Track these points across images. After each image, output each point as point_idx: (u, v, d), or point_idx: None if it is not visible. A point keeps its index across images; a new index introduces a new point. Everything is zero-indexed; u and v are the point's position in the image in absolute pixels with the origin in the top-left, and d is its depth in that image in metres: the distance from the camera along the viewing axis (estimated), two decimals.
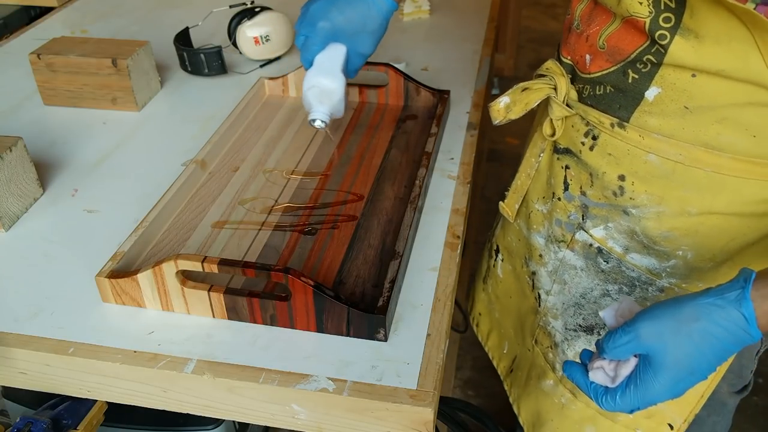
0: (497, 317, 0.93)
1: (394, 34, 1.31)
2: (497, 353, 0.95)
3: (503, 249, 0.92)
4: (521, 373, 0.88)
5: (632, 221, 0.68)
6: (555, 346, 0.78)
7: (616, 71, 0.64)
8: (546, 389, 0.81)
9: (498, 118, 0.74)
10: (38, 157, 0.93)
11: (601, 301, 0.72)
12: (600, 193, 0.70)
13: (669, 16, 0.58)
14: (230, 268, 0.64)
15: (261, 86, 1.06)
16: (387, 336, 0.65)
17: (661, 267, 0.67)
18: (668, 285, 0.67)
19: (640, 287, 0.69)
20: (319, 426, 0.63)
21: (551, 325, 0.78)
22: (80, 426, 0.69)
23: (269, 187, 0.86)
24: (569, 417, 0.79)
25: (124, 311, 0.70)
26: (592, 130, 0.69)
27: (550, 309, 0.78)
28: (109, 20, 1.39)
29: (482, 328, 0.98)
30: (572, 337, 0.76)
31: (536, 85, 0.72)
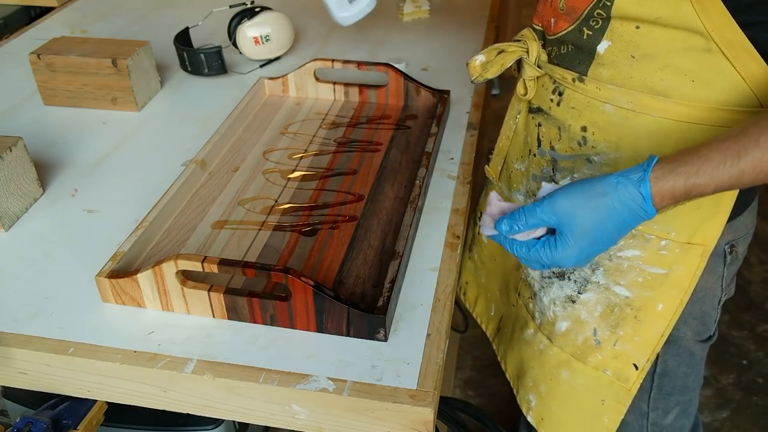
0: (483, 282, 0.99)
1: (394, 34, 1.31)
2: (485, 317, 1.00)
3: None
4: (507, 330, 0.93)
5: (594, 168, 0.74)
6: (534, 295, 0.84)
7: (574, 30, 0.71)
8: (527, 338, 0.86)
9: (474, 75, 0.81)
10: (38, 157, 0.93)
11: None
12: (567, 145, 0.76)
13: None
14: (230, 268, 0.64)
15: (261, 86, 1.06)
16: (387, 336, 0.65)
17: None
18: None
19: None
20: (319, 426, 0.63)
21: (531, 276, 0.83)
22: (80, 426, 0.69)
23: (269, 187, 0.86)
24: (547, 362, 0.84)
25: (124, 311, 0.70)
26: (558, 87, 0.75)
27: None
28: (109, 20, 1.39)
29: (469, 296, 1.04)
30: (547, 285, 0.81)
31: (510, 47, 0.78)
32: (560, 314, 0.81)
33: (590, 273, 0.77)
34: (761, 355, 1.79)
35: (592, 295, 0.78)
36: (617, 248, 0.74)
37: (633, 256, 0.74)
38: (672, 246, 0.72)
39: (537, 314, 0.84)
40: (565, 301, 0.80)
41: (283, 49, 1.19)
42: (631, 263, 0.74)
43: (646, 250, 0.73)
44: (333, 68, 1.04)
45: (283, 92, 1.08)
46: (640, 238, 0.73)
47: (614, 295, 0.76)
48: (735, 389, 1.70)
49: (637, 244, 0.73)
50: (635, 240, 0.73)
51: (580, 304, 0.79)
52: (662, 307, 0.75)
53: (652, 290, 0.74)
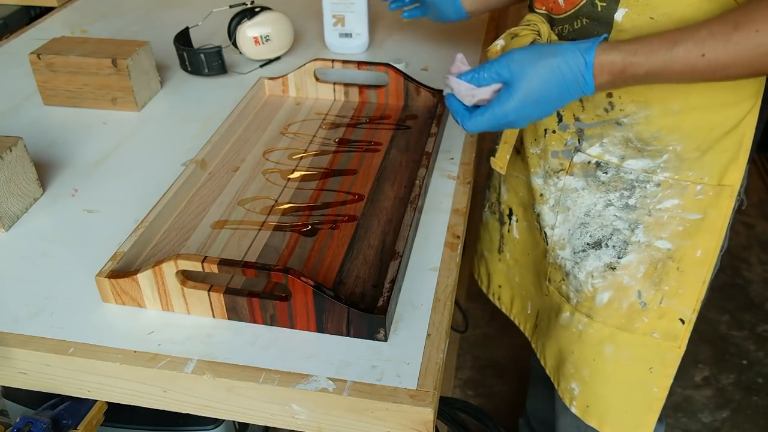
0: (518, 281, 0.99)
1: (394, 34, 1.31)
2: (522, 317, 1.00)
3: (517, 208, 0.97)
4: (543, 323, 0.93)
5: (625, 130, 0.76)
6: (566, 276, 0.85)
7: (586, 3, 0.72)
8: (563, 323, 0.86)
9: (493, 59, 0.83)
10: (38, 157, 0.93)
11: (605, 213, 0.80)
12: (592, 113, 0.78)
13: None
14: (230, 268, 0.64)
15: (261, 86, 1.06)
16: (387, 336, 0.65)
17: (655, 164, 0.76)
18: (663, 179, 0.76)
19: (639, 186, 0.77)
20: (319, 426, 0.63)
21: (560, 257, 0.85)
22: (80, 426, 0.69)
23: (269, 187, 0.86)
24: (587, 342, 0.85)
25: (124, 311, 0.70)
26: None
27: (557, 242, 0.84)
28: (109, 20, 1.39)
29: (504, 299, 1.03)
30: (582, 258, 0.83)
31: (523, 31, 0.80)
32: (600, 285, 0.82)
33: (630, 234, 0.79)
34: (761, 355, 1.79)
35: (634, 257, 0.80)
36: (656, 201, 0.77)
37: (673, 205, 0.77)
38: (707, 189, 0.76)
39: (572, 294, 0.85)
40: (605, 271, 0.81)
41: (283, 49, 1.19)
42: (671, 213, 0.77)
43: (684, 197, 0.76)
44: (333, 68, 1.04)
45: (283, 92, 1.08)
46: (677, 187, 0.76)
47: (656, 251, 0.79)
48: (735, 389, 1.71)
49: (675, 193, 0.77)
50: (673, 189, 0.76)
51: (621, 269, 0.80)
52: (701, 253, 0.78)
53: (691, 238, 0.78)
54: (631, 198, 0.78)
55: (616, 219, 0.80)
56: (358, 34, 1.21)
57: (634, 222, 0.79)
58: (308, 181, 0.88)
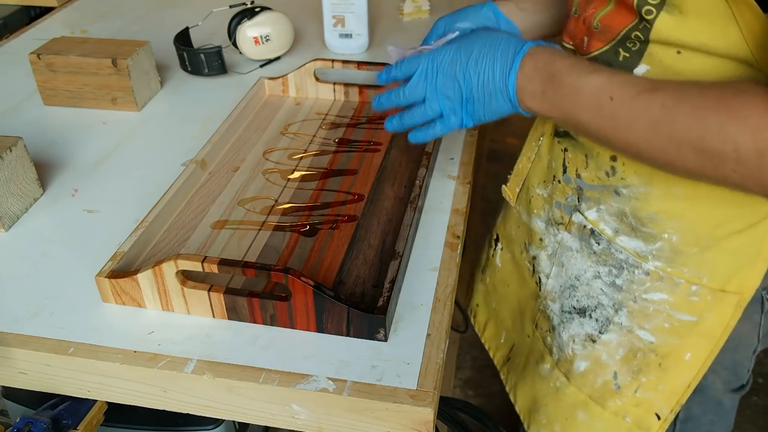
0: (494, 307, 0.95)
1: (394, 34, 1.31)
2: (494, 343, 0.96)
3: (502, 237, 0.94)
4: (519, 360, 0.89)
5: (622, 201, 0.70)
6: (552, 329, 0.80)
7: (609, 50, 0.66)
8: (543, 373, 0.82)
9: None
10: (38, 157, 0.93)
11: (592, 283, 0.74)
12: (594, 174, 0.72)
13: None
14: (230, 268, 0.64)
15: (261, 86, 1.06)
16: (387, 336, 0.65)
17: (648, 249, 0.69)
18: (653, 269, 0.69)
19: (627, 269, 0.71)
20: (319, 426, 0.63)
21: (550, 308, 0.80)
22: (80, 426, 0.69)
23: (269, 187, 0.86)
24: (563, 401, 0.81)
25: (124, 311, 0.70)
26: None
27: (549, 292, 0.79)
28: (109, 20, 1.39)
29: (479, 319, 1.00)
30: (567, 320, 0.78)
31: None
32: (579, 353, 0.77)
33: (613, 313, 0.73)
34: (761, 355, 1.79)
35: (614, 337, 0.74)
36: (643, 290, 0.70)
37: (660, 299, 0.69)
38: (703, 292, 0.67)
39: (555, 349, 0.80)
40: (585, 340, 0.76)
41: (283, 49, 1.19)
42: (657, 307, 0.70)
43: (674, 294, 0.69)
44: (333, 68, 1.04)
45: (283, 92, 1.08)
46: (668, 281, 0.68)
47: (638, 339, 0.72)
48: None
49: (665, 287, 0.69)
50: (663, 283, 0.69)
51: (600, 344, 0.75)
52: (690, 357, 0.70)
53: (680, 338, 0.70)
54: (619, 278, 0.72)
55: (602, 294, 0.74)
56: (358, 34, 1.21)
57: (618, 303, 0.73)
58: (308, 181, 0.88)
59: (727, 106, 0.51)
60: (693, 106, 0.52)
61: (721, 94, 0.52)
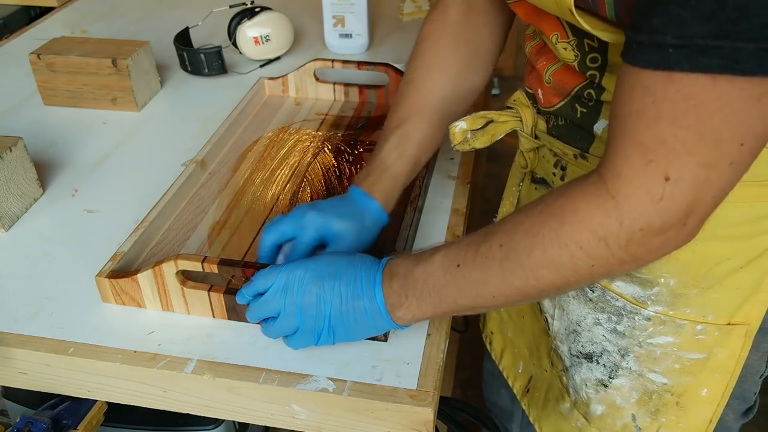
0: (510, 336, 0.92)
1: (394, 34, 1.31)
2: (512, 372, 0.93)
3: None
4: (538, 394, 0.86)
5: None
6: (566, 370, 0.77)
7: (565, 106, 0.66)
8: (564, 412, 0.80)
9: (454, 142, 0.73)
10: (38, 157, 0.93)
11: (594, 330, 0.71)
12: None
13: (595, 56, 0.60)
14: (230, 269, 0.64)
15: (261, 86, 1.06)
16: (387, 336, 0.65)
17: (646, 295, 0.67)
18: (654, 314, 0.67)
19: (626, 316, 0.68)
20: (319, 426, 0.63)
21: (560, 349, 0.77)
22: (80, 426, 0.69)
23: (269, 188, 0.86)
24: None
25: (124, 311, 0.70)
26: (560, 161, 0.70)
27: (557, 333, 0.77)
28: (109, 20, 1.39)
29: (495, 347, 0.96)
30: (576, 363, 0.75)
31: (502, 117, 0.72)
32: (593, 396, 0.74)
33: (620, 359, 0.70)
34: None
35: (625, 381, 0.71)
36: (647, 335, 0.68)
37: (666, 342, 0.67)
38: (710, 329, 0.66)
39: (571, 390, 0.77)
40: (597, 385, 0.73)
41: (283, 49, 1.19)
42: (664, 350, 0.68)
43: (680, 335, 0.67)
44: (333, 68, 1.04)
45: (283, 92, 1.08)
46: (671, 324, 0.66)
47: (650, 382, 0.70)
48: None
49: (669, 330, 0.67)
50: (666, 326, 0.67)
51: (612, 389, 0.72)
52: (707, 392, 0.69)
53: (693, 375, 0.68)
54: (620, 325, 0.69)
55: (605, 340, 0.71)
56: (358, 34, 1.21)
57: (623, 348, 0.70)
58: (308, 181, 0.87)
59: (552, 214, 0.52)
60: (524, 230, 0.53)
61: (543, 207, 0.53)
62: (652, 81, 0.45)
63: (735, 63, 0.41)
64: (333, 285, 0.59)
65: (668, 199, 0.47)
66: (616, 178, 0.48)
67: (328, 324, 0.60)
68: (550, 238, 0.51)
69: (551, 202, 0.53)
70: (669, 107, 0.44)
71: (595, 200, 0.50)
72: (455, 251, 0.57)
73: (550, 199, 0.53)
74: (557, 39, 0.63)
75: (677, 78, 0.43)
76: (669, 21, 0.42)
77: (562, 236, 0.51)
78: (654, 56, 0.44)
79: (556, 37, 0.63)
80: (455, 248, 0.57)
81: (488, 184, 2.19)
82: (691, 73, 0.43)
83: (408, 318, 0.59)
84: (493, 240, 0.55)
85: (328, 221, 0.68)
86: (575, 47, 0.61)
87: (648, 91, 0.45)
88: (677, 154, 0.45)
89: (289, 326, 0.61)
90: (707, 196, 0.47)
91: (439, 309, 0.58)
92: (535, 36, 0.71)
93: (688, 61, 0.42)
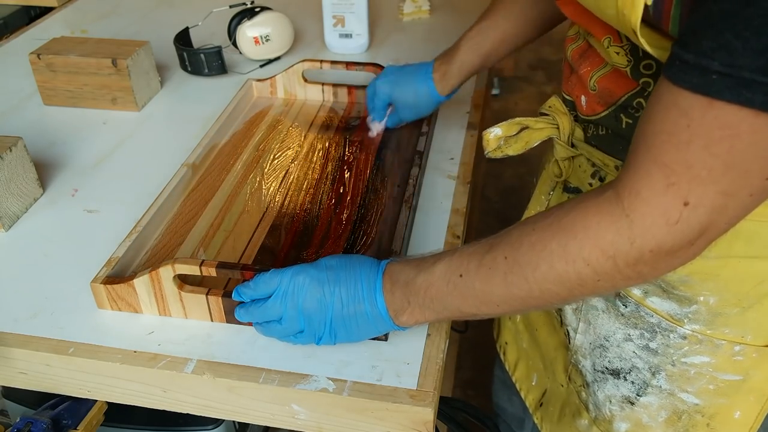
0: (525, 348, 0.91)
1: (394, 34, 1.31)
2: (525, 385, 0.92)
3: None
4: (553, 409, 0.85)
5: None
6: (587, 385, 0.76)
7: (608, 116, 0.64)
8: (581, 428, 0.79)
9: (488, 149, 0.73)
10: (38, 157, 0.93)
11: (624, 346, 0.70)
12: None
13: (650, 63, 0.59)
14: (228, 272, 0.64)
15: (249, 88, 1.05)
16: (387, 336, 0.65)
17: (683, 312, 0.65)
18: (690, 332, 0.65)
19: (661, 333, 0.67)
20: (319, 426, 0.63)
21: (581, 364, 0.76)
22: (80, 426, 0.69)
23: (262, 190, 0.86)
24: None
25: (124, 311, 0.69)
26: (598, 172, 0.68)
27: (579, 348, 0.75)
28: (109, 20, 1.39)
29: (509, 358, 0.95)
30: (600, 379, 0.73)
31: (538, 124, 0.71)
32: (618, 414, 0.72)
33: (650, 376, 0.69)
34: None
35: (655, 399, 0.69)
36: (682, 354, 0.66)
37: (701, 362, 0.66)
38: (748, 351, 0.64)
39: (591, 406, 0.76)
40: (623, 402, 0.72)
41: (283, 49, 1.19)
42: (699, 370, 0.66)
43: (716, 356, 0.65)
44: (322, 69, 1.04)
45: (271, 93, 1.07)
46: (708, 344, 0.65)
47: (681, 402, 0.68)
48: None
49: (706, 350, 0.65)
50: (703, 346, 0.65)
51: (639, 406, 0.71)
52: (740, 415, 0.67)
53: (727, 397, 0.67)
54: (653, 342, 0.67)
55: (635, 357, 0.69)
56: (358, 34, 1.21)
57: (655, 366, 0.68)
58: (300, 182, 0.87)
59: (562, 228, 0.51)
60: (530, 243, 0.52)
61: (553, 220, 0.52)
62: (690, 103, 0.43)
63: None
64: (334, 290, 0.60)
65: (683, 224, 0.46)
66: (633, 197, 0.47)
67: (330, 327, 0.60)
68: (557, 254, 0.51)
69: (562, 216, 0.52)
70: (703, 133, 0.43)
71: (608, 217, 0.49)
72: (458, 261, 0.56)
73: (561, 213, 0.52)
74: (609, 43, 0.61)
75: (717, 105, 0.42)
76: (719, 47, 0.41)
77: (570, 252, 0.50)
78: (697, 79, 0.43)
79: (608, 40, 0.61)
80: (458, 257, 0.56)
81: (488, 184, 2.19)
82: (734, 105, 0.42)
83: (411, 323, 0.60)
84: (498, 251, 0.54)
85: (391, 90, 0.91)
86: (629, 52, 0.60)
87: (684, 113, 0.44)
88: (700, 181, 0.45)
89: (291, 330, 0.62)
90: (721, 222, 0.47)
91: (442, 315, 0.58)
92: (578, 38, 0.68)
93: (731, 92, 0.41)
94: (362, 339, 0.63)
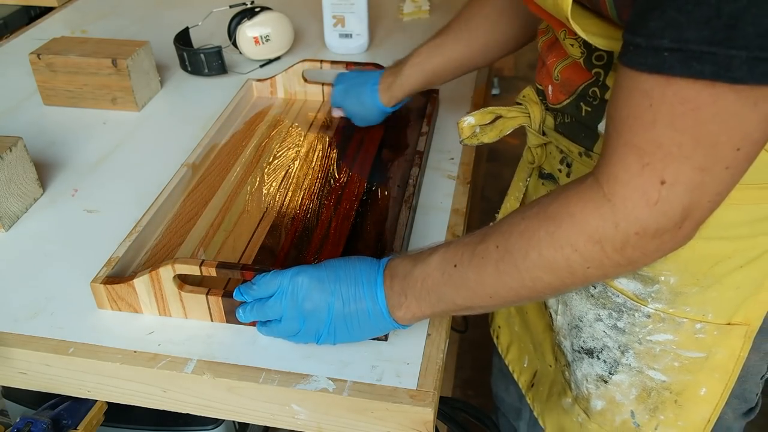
0: (516, 330, 0.93)
1: (394, 34, 1.31)
2: (518, 366, 0.94)
3: None
4: (543, 389, 0.87)
5: None
6: (568, 365, 0.78)
7: (570, 104, 0.66)
8: (566, 407, 0.81)
9: (462, 136, 0.75)
10: (38, 157, 0.93)
11: (595, 326, 0.72)
12: None
13: (601, 54, 0.61)
14: (228, 272, 0.64)
15: (249, 88, 1.05)
16: (387, 336, 0.65)
17: (647, 292, 0.67)
18: (654, 311, 0.67)
19: (627, 313, 0.69)
20: (319, 426, 0.63)
21: (563, 345, 0.78)
22: (80, 426, 0.69)
23: (261, 190, 0.86)
24: None
25: (123, 312, 0.70)
26: (565, 158, 0.70)
27: (560, 329, 0.77)
28: (109, 20, 1.39)
29: (502, 341, 0.97)
30: (578, 359, 0.75)
31: (510, 113, 0.73)
32: (594, 392, 0.75)
33: (620, 355, 0.71)
34: None
35: (625, 377, 0.72)
36: (647, 332, 0.68)
37: (665, 340, 0.68)
38: (709, 328, 0.66)
39: (573, 385, 0.78)
40: (597, 380, 0.74)
41: (283, 49, 1.19)
42: (663, 347, 0.68)
43: (679, 334, 0.67)
44: (322, 69, 1.04)
45: (271, 93, 1.07)
46: (671, 322, 0.67)
47: (649, 379, 0.71)
48: None
49: (669, 328, 0.67)
50: (665, 324, 0.67)
51: (612, 385, 0.73)
52: (705, 391, 0.69)
53: (692, 374, 0.69)
54: (620, 321, 0.70)
55: (606, 336, 0.71)
56: (358, 34, 1.21)
57: (623, 345, 0.70)
58: (300, 182, 0.87)
59: (548, 217, 0.52)
60: (519, 232, 0.53)
61: (539, 210, 0.53)
62: (649, 84, 0.45)
63: (727, 71, 0.41)
64: (334, 289, 0.60)
65: (664, 203, 0.47)
66: (612, 181, 0.49)
67: (330, 326, 0.61)
68: (545, 241, 0.52)
69: (547, 205, 0.53)
70: (666, 111, 0.45)
71: (591, 204, 0.50)
72: (453, 251, 0.57)
73: (546, 202, 0.53)
74: (565, 35, 0.63)
75: (674, 82, 0.43)
76: (666, 25, 0.42)
77: (558, 239, 0.51)
78: (651, 59, 0.44)
79: (564, 33, 0.63)
80: (453, 248, 0.58)
81: (488, 184, 2.19)
82: (687, 78, 0.43)
83: (408, 318, 0.60)
84: (490, 241, 0.55)
85: (342, 99, 0.96)
86: (582, 44, 0.62)
87: (645, 95, 0.45)
88: (673, 158, 0.46)
89: (292, 329, 0.62)
90: (703, 200, 0.48)
91: (437, 308, 0.59)
92: (548, 31, 0.71)
93: (682, 66, 0.42)
94: (362, 338, 0.63)
